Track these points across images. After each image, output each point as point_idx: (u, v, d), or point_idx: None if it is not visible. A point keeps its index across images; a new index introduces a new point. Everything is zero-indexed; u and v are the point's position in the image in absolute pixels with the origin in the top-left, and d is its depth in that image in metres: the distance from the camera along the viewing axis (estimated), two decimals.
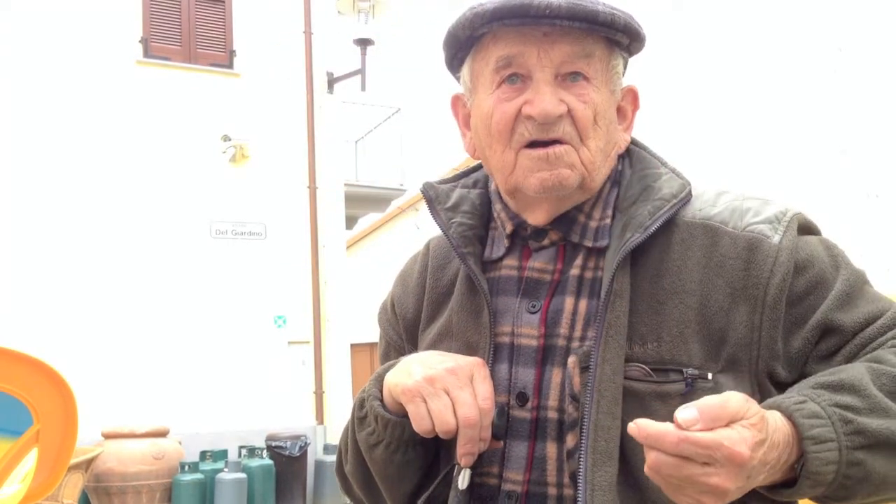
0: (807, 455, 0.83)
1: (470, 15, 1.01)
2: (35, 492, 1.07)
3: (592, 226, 1.05)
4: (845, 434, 0.84)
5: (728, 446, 0.76)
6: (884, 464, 0.85)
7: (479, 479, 1.01)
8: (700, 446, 0.75)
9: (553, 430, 0.99)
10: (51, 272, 7.88)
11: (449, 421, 0.93)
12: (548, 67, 0.99)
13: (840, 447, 0.83)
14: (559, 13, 0.96)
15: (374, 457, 1.05)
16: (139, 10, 8.77)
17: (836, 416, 0.84)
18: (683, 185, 1.04)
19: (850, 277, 1.00)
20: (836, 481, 0.83)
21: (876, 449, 0.85)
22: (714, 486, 0.77)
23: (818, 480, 0.83)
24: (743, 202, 1.03)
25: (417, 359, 1.00)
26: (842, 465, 0.83)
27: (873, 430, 0.85)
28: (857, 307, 0.98)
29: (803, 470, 0.83)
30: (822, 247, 1.02)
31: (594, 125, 1.00)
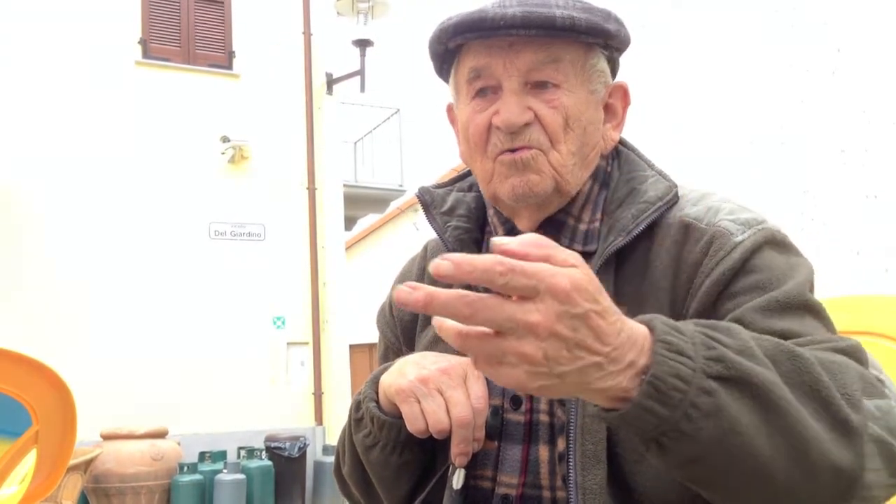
0: (656, 358, 0.71)
1: (437, 30, 1.04)
2: (34, 492, 1.07)
3: (582, 229, 1.05)
4: (704, 357, 0.73)
5: (549, 275, 0.66)
6: (738, 406, 0.72)
7: (474, 482, 1.02)
8: (525, 275, 0.66)
9: (545, 433, 0.99)
10: (50, 272, 7.87)
11: (442, 421, 0.94)
12: (514, 76, 1.00)
13: (695, 367, 0.72)
14: (514, 23, 0.97)
15: (370, 458, 1.05)
16: (138, 10, 8.77)
17: (699, 338, 0.74)
18: (669, 187, 1.04)
19: (794, 295, 0.92)
20: (682, 409, 0.71)
21: (733, 385, 0.73)
22: (534, 325, 0.66)
23: (662, 399, 0.71)
24: (723, 203, 1.03)
25: (412, 360, 1.01)
26: (692, 386, 0.71)
27: (736, 362, 0.74)
28: (781, 319, 0.90)
29: (647, 377, 0.71)
30: (785, 265, 0.96)
31: (566, 129, 1.00)
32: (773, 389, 0.74)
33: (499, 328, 0.67)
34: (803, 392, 0.77)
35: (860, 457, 0.77)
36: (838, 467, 0.76)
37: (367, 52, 9.56)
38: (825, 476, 0.76)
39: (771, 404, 0.74)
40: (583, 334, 0.68)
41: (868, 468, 0.77)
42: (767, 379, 0.74)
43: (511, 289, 0.66)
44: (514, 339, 0.67)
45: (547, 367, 0.68)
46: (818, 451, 0.75)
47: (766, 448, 0.73)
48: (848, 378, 0.80)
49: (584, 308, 0.68)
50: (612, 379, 0.71)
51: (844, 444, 0.77)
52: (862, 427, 0.78)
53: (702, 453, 0.73)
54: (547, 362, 0.67)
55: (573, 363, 0.69)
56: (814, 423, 0.76)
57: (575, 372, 0.69)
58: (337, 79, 9.79)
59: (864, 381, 0.82)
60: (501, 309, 0.66)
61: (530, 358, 0.67)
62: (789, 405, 0.75)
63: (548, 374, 0.68)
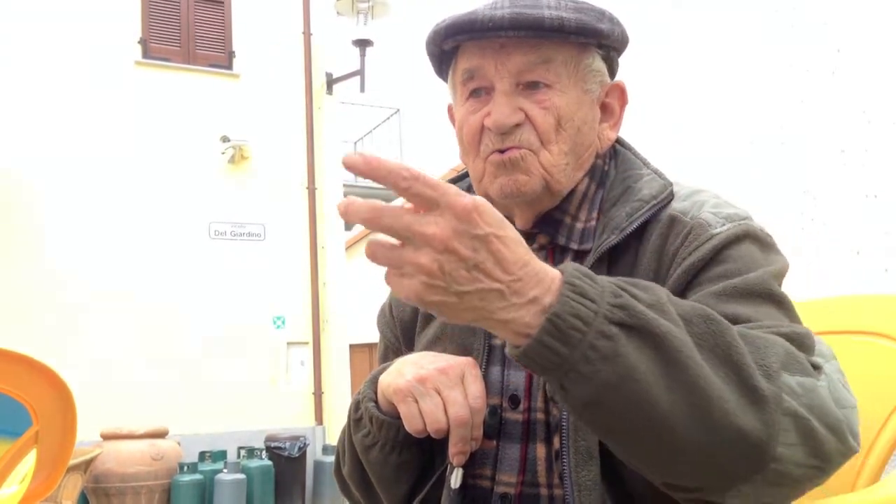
0: (560, 297, 0.73)
1: (431, 32, 1.05)
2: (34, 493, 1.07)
3: (579, 227, 1.06)
4: (609, 303, 0.74)
5: (453, 192, 0.69)
6: (638, 355, 0.73)
7: (472, 482, 1.02)
8: (429, 186, 0.68)
9: (542, 431, 0.99)
10: (50, 272, 7.87)
11: (440, 420, 0.94)
12: (506, 78, 1.01)
13: (598, 310, 0.73)
14: (503, 25, 0.98)
15: (369, 458, 1.05)
16: (138, 10, 8.77)
17: (608, 287, 0.76)
18: (664, 186, 1.04)
19: (754, 284, 0.92)
20: (581, 350, 0.72)
21: (635, 333, 0.73)
22: (430, 236, 0.68)
23: (562, 337, 0.72)
24: (709, 198, 1.03)
25: (410, 360, 1.01)
26: (592, 329, 0.72)
27: (640, 311, 0.74)
28: (734, 304, 0.90)
29: (549, 314, 0.72)
30: (758, 258, 0.96)
31: (557, 130, 1.01)
32: (676, 344, 0.74)
33: (398, 236, 0.70)
34: (714, 354, 0.77)
35: (770, 426, 0.76)
36: (743, 432, 0.75)
37: (366, 52, 9.56)
38: (728, 438, 0.75)
39: (672, 357, 0.74)
40: (482, 256, 0.71)
41: (781, 441, 0.77)
42: (672, 333, 0.75)
43: (412, 195, 0.69)
44: (413, 249, 0.70)
45: (444, 282, 0.70)
46: (720, 411, 0.74)
47: (664, 400, 0.73)
48: (769, 351, 0.80)
49: (485, 230, 0.70)
50: (515, 311, 0.73)
51: (753, 411, 0.76)
52: (774, 397, 0.77)
53: (599, 397, 0.73)
54: (443, 276, 0.70)
55: (472, 284, 0.71)
56: (720, 384, 0.75)
57: (475, 295, 0.71)
58: (337, 79, 9.79)
59: (789, 357, 0.81)
60: (401, 216, 0.69)
61: (426, 269, 0.69)
62: (692, 361, 0.75)
63: (445, 289, 0.70)
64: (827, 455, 0.80)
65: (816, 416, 0.79)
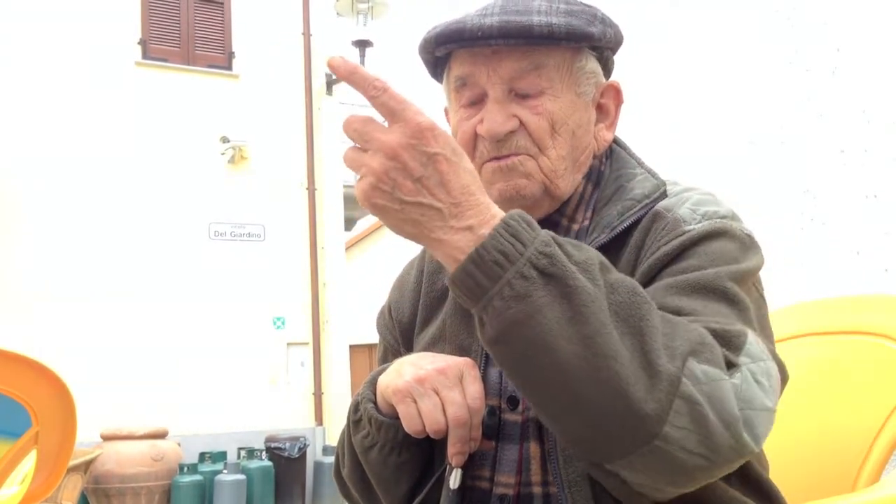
0: (491, 232, 0.79)
1: (422, 41, 1.05)
2: (34, 493, 1.07)
3: (574, 228, 1.06)
4: (537, 249, 0.79)
5: (414, 109, 0.77)
6: (549, 300, 0.77)
7: (471, 483, 1.02)
8: (394, 100, 0.77)
9: (534, 430, 1.00)
10: (50, 273, 7.87)
11: (439, 420, 0.94)
12: (498, 85, 1.00)
13: (524, 252, 0.78)
14: (492, 33, 0.97)
15: (369, 459, 1.05)
16: (138, 11, 8.77)
17: (543, 236, 0.80)
18: (657, 185, 1.04)
19: (708, 280, 0.91)
20: (499, 284, 0.77)
21: (552, 281, 0.78)
22: (381, 144, 0.77)
23: (483, 269, 0.78)
24: (694, 195, 1.02)
25: (409, 360, 1.01)
26: (514, 267, 0.77)
27: (563, 263, 0.79)
28: (680, 298, 0.90)
29: (479, 246, 0.78)
30: (727, 255, 0.95)
31: (552, 134, 1.00)
32: (585, 299, 0.78)
33: (360, 142, 0.79)
34: (627, 324, 0.79)
35: (661, 404, 0.77)
36: (631, 400, 0.77)
37: (366, 53, 9.57)
38: (616, 404, 0.77)
39: (579, 310, 0.78)
40: (428, 172, 0.78)
41: (670, 421, 0.77)
42: (586, 289, 0.79)
43: (379, 104, 0.77)
44: (371, 153, 0.78)
45: (389, 187, 0.78)
46: (612, 373, 0.77)
47: (563, 348, 0.77)
48: (681, 336, 0.81)
49: (435, 150, 0.78)
50: (451, 234, 0.79)
51: (646, 384, 0.77)
52: (671, 377, 0.78)
53: (505, 334, 0.78)
54: (389, 181, 0.78)
55: (414, 196, 0.78)
56: (620, 350, 0.77)
57: (415, 207, 0.78)
58: (337, 79, 9.77)
59: (702, 346, 0.82)
60: (366, 122, 0.78)
61: (375, 171, 0.78)
62: (595, 318, 0.78)
63: (389, 194, 0.78)
64: (716, 447, 0.80)
65: (713, 406, 0.79)
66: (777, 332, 1.56)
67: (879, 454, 1.35)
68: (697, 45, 6.00)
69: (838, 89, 5.02)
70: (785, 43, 5.36)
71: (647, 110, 5.99)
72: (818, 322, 1.60)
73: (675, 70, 6.13)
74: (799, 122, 5.22)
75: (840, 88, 5.01)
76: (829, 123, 5.02)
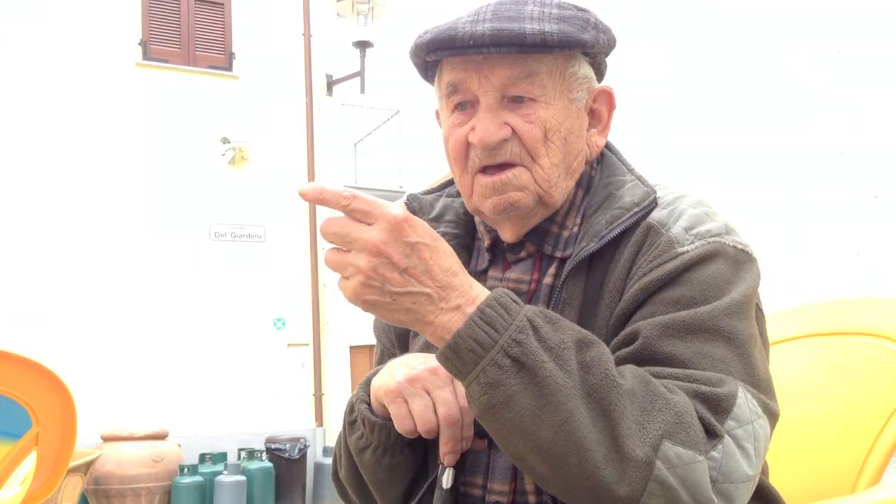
0: (466, 321, 0.82)
1: (413, 46, 1.03)
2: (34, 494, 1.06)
3: (565, 235, 1.05)
4: (511, 337, 0.82)
5: (386, 206, 0.81)
6: (520, 388, 0.81)
7: (464, 489, 1.02)
8: (364, 202, 0.80)
9: None
10: (51, 274, 7.87)
11: (430, 420, 0.94)
12: (490, 92, 0.99)
13: (498, 340, 0.81)
14: (483, 41, 0.95)
15: (363, 461, 1.05)
16: (138, 12, 8.77)
17: (520, 320, 0.83)
18: (647, 193, 1.02)
19: (703, 320, 0.90)
20: (475, 372, 0.81)
21: (524, 370, 0.81)
22: (366, 241, 0.79)
23: (459, 356, 0.82)
24: (688, 209, 1.00)
25: (401, 361, 1.01)
26: (489, 356, 0.81)
27: (534, 352, 0.81)
28: (675, 342, 0.89)
29: (455, 334, 0.82)
30: (721, 283, 0.94)
31: (545, 142, 0.99)
32: (555, 388, 0.81)
33: (342, 243, 0.81)
34: (599, 405, 0.81)
35: (633, 487, 0.80)
36: (603, 483, 0.80)
37: (367, 54, 9.57)
38: (587, 486, 0.81)
39: (549, 399, 0.80)
40: (413, 262, 0.81)
41: (644, 503, 0.81)
42: (554, 377, 0.81)
43: (352, 211, 0.81)
44: (354, 253, 0.81)
45: (379, 283, 0.81)
46: (582, 458, 0.80)
47: (535, 433, 0.81)
48: (657, 416, 0.82)
49: (414, 239, 0.81)
50: (443, 315, 0.83)
51: (617, 467, 0.80)
52: (642, 460, 0.80)
53: (484, 415, 0.83)
54: (377, 277, 0.80)
55: (403, 286, 0.81)
56: (590, 434, 0.80)
57: (406, 297, 0.81)
58: (337, 80, 9.79)
59: (678, 426, 0.83)
60: (344, 224, 0.81)
61: (362, 270, 0.80)
62: (564, 408, 0.80)
63: (380, 289, 0.81)
64: None
65: (686, 489, 0.81)
66: (779, 334, 1.56)
67: (880, 455, 1.35)
68: (698, 45, 6.01)
69: (838, 90, 5.02)
70: (785, 44, 5.36)
71: (646, 111, 5.99)
72: (819, 323, 1.60)
73: (675, 71, 6.13)
74: (799, 122, 5.22)
75: (840, 89, 5.01)
76: (829, 123, 5.02)
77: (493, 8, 0.99)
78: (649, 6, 6.25)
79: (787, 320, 1.65)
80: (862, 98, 4.87)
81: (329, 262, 0.83)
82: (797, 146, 5.20)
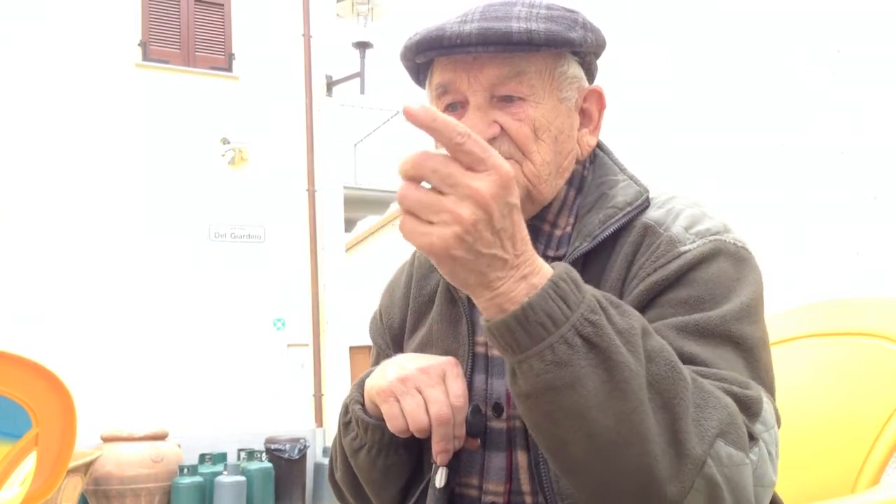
0: (540, 291, 0.76)
1: (403, 48, 1.04)
2: (34, 495, 1.07)
3: (557, 234, 1.05)
4: (583, 315, 0.76)
5: (499, 156, 0.73)
6: (589, 371, 0.75)
7: (460, 490, 1.02)
8: (479, 146, 0.72)
9: (522, 439, 0.99)
10: (51, 275, 7.87)
11: (422, 419, 0.94)
12: (479, 92, 0.99)
13: (570, 317, 0.76)
14: (470, 41, 0.96)
15: (358, 461, 1.06)
16: (138, 13, 8.77)
17: (589, 300, 0.78)
18: (640, 192, 1.03)
19: (716, 325, 0.90)
20: (540, 347, 0.75)
21: (595, 351, 0.76)
22: (473, 192, 0.71)
23: (526, 328, 0.75)
24: (685, 208, 1.01)
25: (393, 361, 1.01)
26: (559, 332, 0.75)
27: (608, 335, 0.77)
28: (693, 343, 0.89)
29: (525, 303, 0.75)
30: (727, 283, 0.94)
31: (535, 140, 0.99)
32: (627, 375, 0.77)
33: (438, 183, 0.72)
34: (661, 397, 0.78)
35: (683, 483, 0.78)
36: (655, 477, 0.77)
37: (366, 54, 9.57)
38: (639, 478, 0.77)
39: (619, 385, 0.76)
40: (507, 224, 0.74)
41: (689, 500, 0.78)
42: (628, 364, 0.77)
43: (464, 151, 0.71)
44: (454, 199, 0.72)
45: (472, 239, 0.72)
46: (643, 449, 0.77)
47: (596, 420, 0.76)
48: (713, 414, 0.81)
49: (514, 201, 0.75)
50: (510, 283, 0.76)
51: (673, 464, 0.78)
52: (697, 458, 0.78)
53: (540, 394, 0.77)
54: (474, 232, 0.72)
55: (490, 247, 0.74)
56: (653, 427, 0.77)
57: (487, 258, 0.74)
58: (337, 81, 9.79)
59: (730, 426, 0.82)
60: (448, 163, 0.72)
61: (463, 220, 0.71)
62: (635, 396, 0.77)
63: (470, 246, 0.73)
64: None
65: (731, 490, 0.81)
66: (779, 334, 1.56)
67: (880, 456, 1.35)
68: (698, 45, 6.01)
69: (838, 91, 5.03)
70: (785, 44, 5.37)
71: (646, 112, 6.00)
72: (819, 324, 1.60)
73: (674, 71, 6.13)
74: (799, 122, 5.22)
75: (840, 89, 5.02)
76: (829, 123, 5.03)
77: (482, 9, 1.00)
78: (649, 6, 6.25)
79: (786, 320, 1.65)
80: (862, 98, 4.87)
81: (411, 199, 0.73)
82: (797, 146, 5.20)
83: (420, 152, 0.73)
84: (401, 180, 0.74)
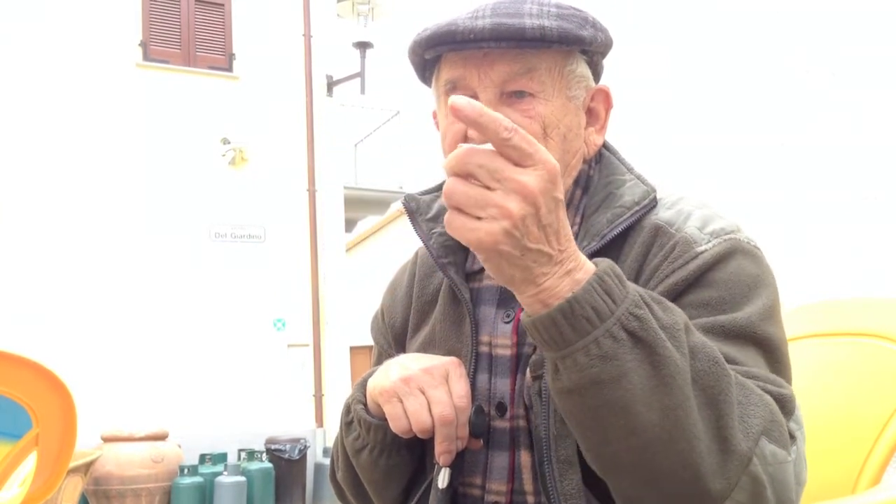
0: (585, 286, 0.76)
1: (412, 42, 1.04)
2: (34, 495, 1.06)
3: None
4: (628, 310, 0.76)
5: (545, 150, 0.73)
6: (635, 366, 0.75)
7: (463, 490, 1.02)
8: (526, 141, 0.72)
9: (525, 438, 0.99)
10: (51, 275, 7.87)
11: (425, 420, 0.94)
12: (489, 88, 0.99)
13: (615, 311, 0.75)
14: (483, 36, 0.96)
15: (360, 462, 1.05)
16: (138, 13, 8.77)
17: (634, 295, 0.78)
18: (647, 192, 1.02)
19: (742, 326, 0.91)
20: (586, 341, 0.75)
21: (640, 346, 0.76)
22: (521, 186, 0.71)
23: (572, 322, 0.75)
24: (695, 209, 1.01)
25: (396, 361, 1.01)
26: (603, 326, 0.75)
27: (653, 329, 0.76)
28: (723, 343, 0.89)
29: (570, 297, 0.75)
30: (746, 283, 0.94)
31: (544, 137, 0.99)
32: (672, 369, 0.76)
33: (484, 178, 0.72)
34: (705, 394, 0.78)
35: (729, 480, 0.78)
36: (701, 473, 0.77)
37: (367, 54, 9.57)
38: (684, 475, 0.77)
39: (664, 380, 0.76)
40: (553, 219, 0.75)
41: (733, 497, 0.78)
42: (673, 358, 0.77)
43: (511, 146, 0.72)
44: (502, 193, 0.72)
45: (520, 234, 0.73)
46: (688, 445, 0.76)
47: (642, 415, 0.76)
48: (756, 411, 0.81)
49: (560, 196, 0.75)
50: (553, 279, 0.76)
51: (719, 460, 0.77)
52: (744, 455, 0.78)
53: (584, 389, 0.76)
54: (522, 227, 0.72)
55: (537, 243, 0.74)
56: (699, 423, 0.77)
57: (533, 254, 0.74)
58: (337, 81, 9.79)
59: (773, 424, 0.82)
60: (495, 158, 0.72)
61: (512, 215, 0.72)
62: (680, 391, 0.76)
63: (518, 241, 0.73)
64: None
65: (774, 489, 0.81)
66: None
67: (880, 456, 1.35)
68: (698, 46, 6.01)
69: (838, 90, 5.03)
70: (785, 44, 5.37)
71: (646, 112, 5.99)
72: (819, 324, 1.60)
73: (675, 71, 6.13)
74: (799, 123, 5.23)
75: (840, 89, 5.02)
76: (829, 124, 5.03)
77: (492, 6, 1.00)
78: (649, 6, 6.25)
79: (787, 320, 1.65)
80: (862, 98, 4.87)
81: (459, 194, 0.73)
82: (797, 146, 5.21)
83: (466, 148, 0.73)
84: (447, 176, 0.74)
